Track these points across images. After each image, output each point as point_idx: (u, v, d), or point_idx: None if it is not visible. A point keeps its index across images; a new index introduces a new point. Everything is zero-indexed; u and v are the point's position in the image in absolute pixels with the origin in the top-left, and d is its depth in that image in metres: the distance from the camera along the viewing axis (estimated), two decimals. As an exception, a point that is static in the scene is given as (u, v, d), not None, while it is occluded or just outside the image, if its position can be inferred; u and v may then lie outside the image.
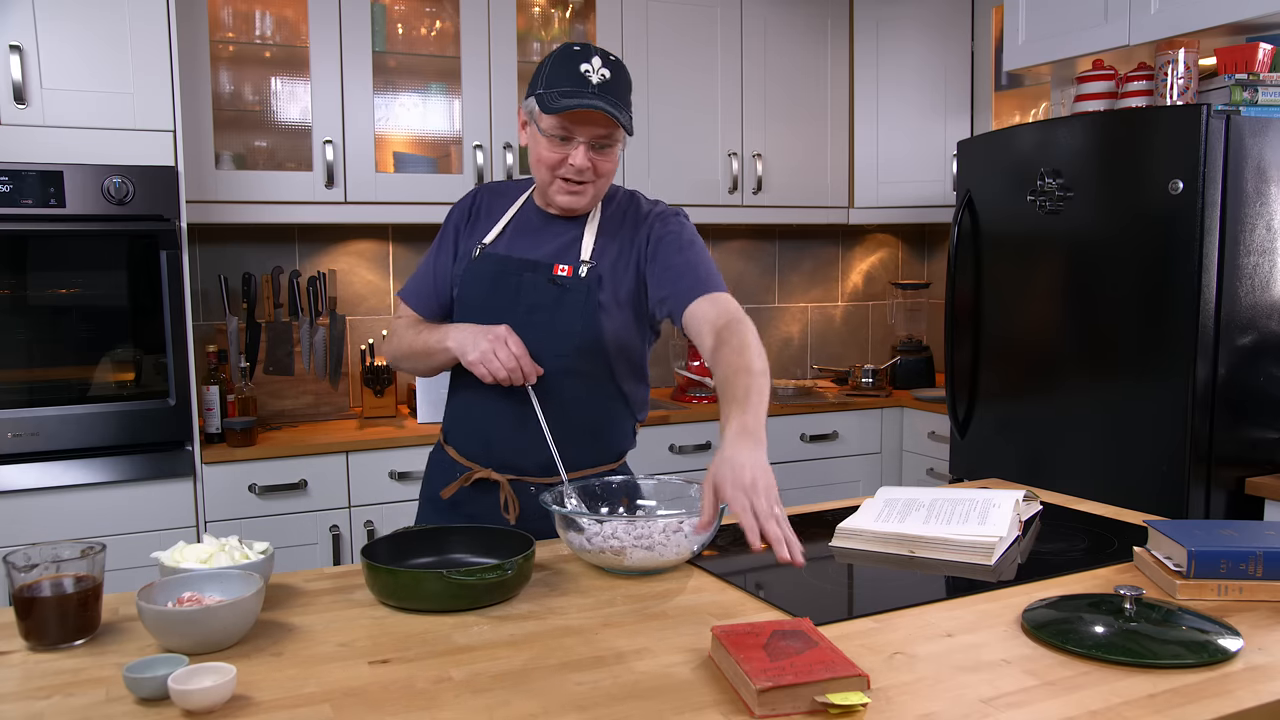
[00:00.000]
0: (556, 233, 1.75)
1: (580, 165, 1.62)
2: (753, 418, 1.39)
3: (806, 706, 1.04)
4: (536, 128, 1.64)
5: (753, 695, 1.03)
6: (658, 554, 1.47)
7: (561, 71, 1.60)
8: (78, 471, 2.53)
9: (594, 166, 1.64)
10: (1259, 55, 2.56)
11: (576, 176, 1.65)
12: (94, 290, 2.59)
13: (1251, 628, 1.26)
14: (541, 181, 1.70)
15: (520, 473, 1.75)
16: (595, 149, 1.64)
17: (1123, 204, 2.56)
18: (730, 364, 1.50)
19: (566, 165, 1.64)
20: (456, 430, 1.84)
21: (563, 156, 1.63)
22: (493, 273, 1.73)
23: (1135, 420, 2.54)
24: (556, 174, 1.66)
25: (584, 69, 1.59)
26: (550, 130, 1.62)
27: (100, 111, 2.51)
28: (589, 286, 1.69)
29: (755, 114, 3.60)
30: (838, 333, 4.23)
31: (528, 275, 1.71)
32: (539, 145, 1.65)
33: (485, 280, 1.74)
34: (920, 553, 1.59)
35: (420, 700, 1.08)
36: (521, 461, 1.75)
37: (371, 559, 1.38)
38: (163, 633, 1.20)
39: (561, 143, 1.62)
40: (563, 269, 1.70)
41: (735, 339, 1.54)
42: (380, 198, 3.07)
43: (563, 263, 1.71)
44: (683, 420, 3.30)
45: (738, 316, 1.60)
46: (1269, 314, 2.49)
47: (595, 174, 1.66)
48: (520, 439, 1.72)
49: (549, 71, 1.62)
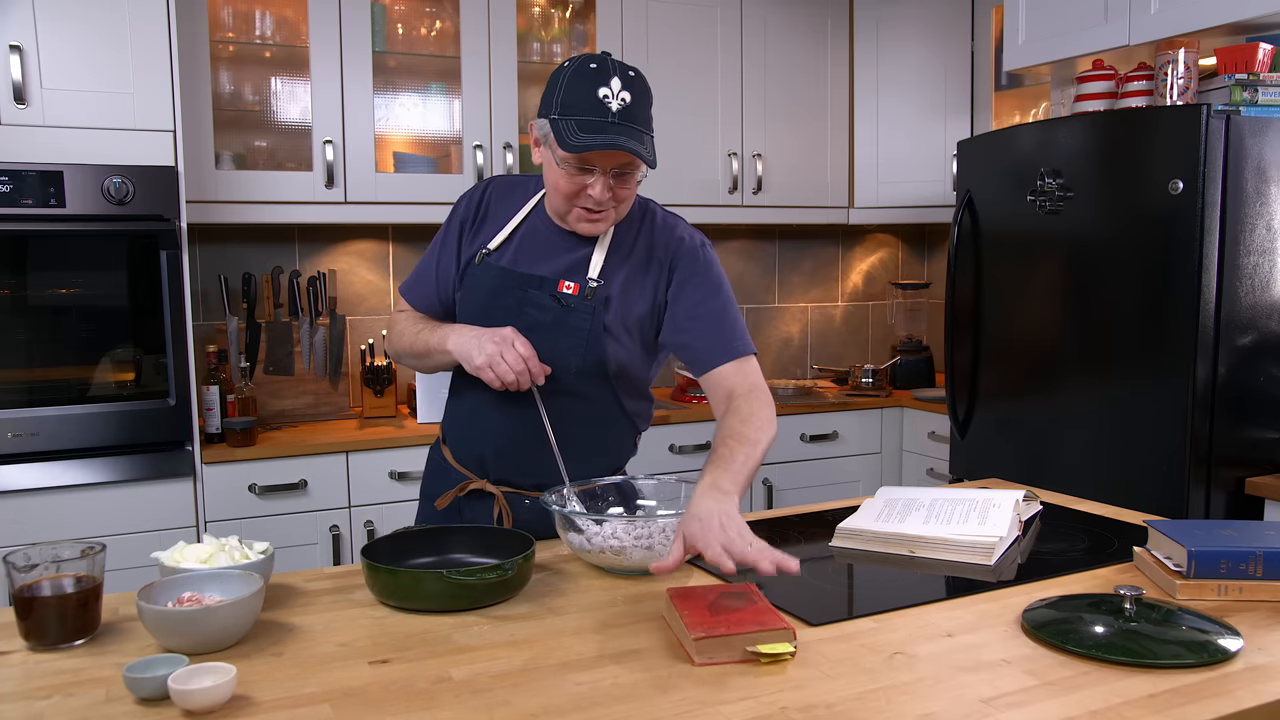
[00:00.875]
0: (566, 247, 1.66)
1: (600, 198, 1.54)
2: (729, 479, 1.40)
3: (739, 655, 1.16)
4: (552, 154, 1.55)
5: (691, 644, 1.16)
6: (658, 554, 1.47)
7: (579, 96, 1.49)
8: (78, 471, 2.53)
9: (614, 194, 1.56)
10: (1259, 55, 2.55)
11: (596, 207, 1.57)
12: (94, 290, 2.59)
13: (1251, 628, 1.26)
14: (558, 209, 1.62)
15: (516, 486, 1.73)
16: (615, 176, 1.55)
17: (1123, 204, 2.56)
18: (730, 430, 1.50)
19: (585, 195, 1.56)
20: (455, 435, 1.81)
21: (580, 187, 1.55)
22: (493, 285, 1.66)
23: (1135, 420, 2.54)
24: (574, 203, 1.58)
25: (603, 94, 1.48)
26: (567, 163, 1.53)
27: (100, 111, 2.51)
28: (595, 309, 1.61)
29: (755, 114, 3.60)
30: (838, 333, 4.23)
31: (531, 292, 1.64)
32: (554, 173, 1.56)
33: (485, 291, 1.67)
34: (920, 553, 1.59)
35: (420, 700, 1.08)
36: (518, 477, 1.73)
37: (371, 559, 1.38)
38: (163, 633, 1.20)
39: (580, 173, 1.54)
40: (569, 286, 1.62)
41: (745, 408, 1.54)
42: (380, 198, 3.07)
43: (569, 280, 1.63)
44: (683, 420, 3.30)
45: (758, 385, 1.59)
46: (1269, 314, 2.49)
47: (615, 201, 1.57)
48: (519, 454, 1.70)
49: (564, 93, 1.51)
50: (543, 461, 1.63)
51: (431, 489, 1.84)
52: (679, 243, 1.68)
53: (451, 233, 1.75)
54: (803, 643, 1.22)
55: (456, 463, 1.79)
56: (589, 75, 1.50)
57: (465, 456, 1.78)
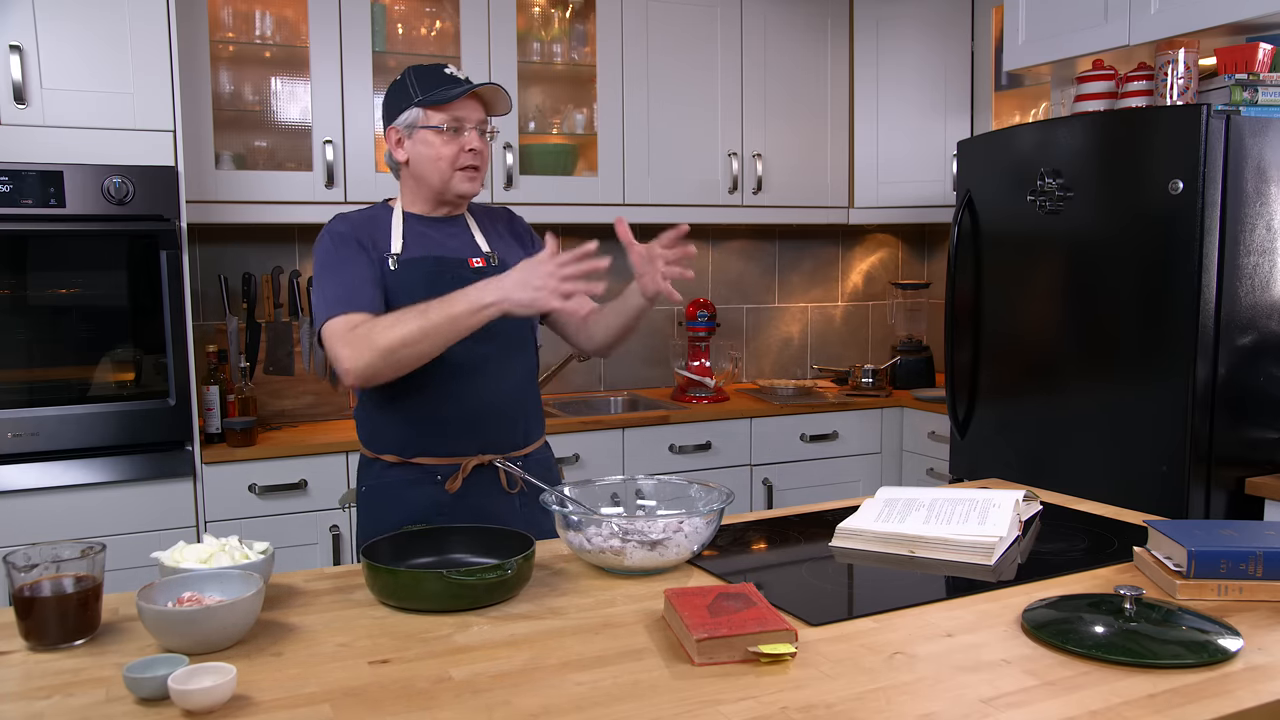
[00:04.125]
0: (451, 234, 1.88)
1: (478, 147, 1.80)
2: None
3: (740, 656, 1.17)
4: (427, 131, 1.79)
5: (693, 645, 1.17)
6: (658, 554, 1.47)
7: (429, 80, 1.79)
8: (78, 471, 2.53)
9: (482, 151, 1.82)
10: (1259, 55, 2.55)
11: (475, 161, 1.80)
12: (94, 290, 2.59)
13: (1251, 628, 1.26)
14: (443, 177, 1.81)
15: (504, 450, 1.86)
16: (480, 134, 1.81)
17: (1123, 204, 2.56)
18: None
19: (464, 153, 1.79)
20: (423, 434, 1.82)
21: (459, 147, 1.79)
22: (425, 271, 1.80)
23: (1135, 420, 2.54)
24: (456, 166, 1.80)
25: (448, 71, 1.80)
26: (442, 124, 1.78)
27: (100, 111, 2.51)
28: (502, 269, 1.77)
29: (755, 114, 3.60)
30: (838, 333, 4.23)
31: (459, 271, 1.81)
32: (433, 146, 1.79)
33: (422, 281, 1.78)
34: (920, 553, 1.59)
35: (420, 700, 1.08)
36: (504, 438, 1.86)
37: (372, 559, 1.38)
38: (163, 633, 1.20)
39: (454, 135, 1.79)
40: (476, 262, 1.85)
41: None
42: (380, 197, 3.05)
43: (472, 257, 1.86)
44: (683, 420, 3.30)
45: None
46: (1269, 314, 2.49)
47: (483, 160, 1.83)
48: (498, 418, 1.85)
49: (416, 85, 1.79)
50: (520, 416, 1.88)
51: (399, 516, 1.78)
52: (504, 211, 2.02)
53: (350, 246, 1.80)
54: (803, 643, 1.22)
55: (435, 458, 1.83)
56: (429, 68, 1.82)
57: (449, 445, 1.83)
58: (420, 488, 1.83)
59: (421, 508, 1.80)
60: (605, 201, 3.38)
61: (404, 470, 1.84)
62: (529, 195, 3.24)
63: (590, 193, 3.36)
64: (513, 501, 1.86)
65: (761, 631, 1.18)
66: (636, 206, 3.42)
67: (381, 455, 1.86)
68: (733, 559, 1.60)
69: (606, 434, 3.19)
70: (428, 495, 1.82)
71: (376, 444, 1.87)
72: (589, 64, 3.42)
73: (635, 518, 1.50)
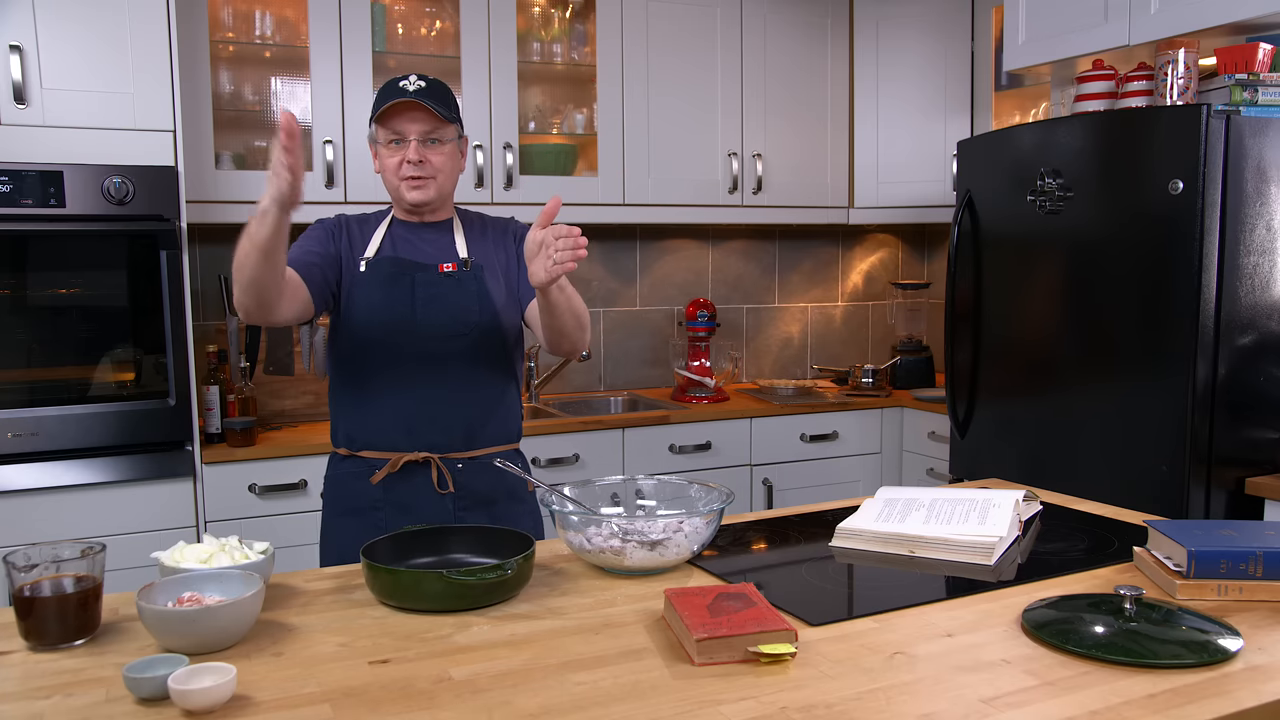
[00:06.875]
0: (430, 239, 1.93)
1: (414, 158, 1.84)
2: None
3: (740, 656, 1.17)
4: (378, 147, 1.88)
5: (693, 645, 1.17)
6: (658, 554, 1.47)
7: (382, 94, 1.85)
8: (78, 471, 2.53)
9: (428, 161, 1.85)
10: (1259, 55, 2.55)
11: (415, 171, 1.85)
12: (94, 290, 2.59)
13: (1251, 628, 1.26)
14: (392, 188, 1.90)
15: (444, 450, 1.88)
16: (426, 145, 1.85)
17: (1123, 204, 2.56)
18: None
19: (405, 164, 1.85)
20: (367, 429, 1.89)
21: (401, 157, 1.85)
22: (387, 273, 1.87)
23: (1135, 420, 2.54)
24: (400, 176, 1.86)
25: (402, 84, 1.85)
26: (385, 139, 1.86)
27: (100, 111, 2.51)
28: (476, 273, 1.90)
29: (755, 114, 3.60)
30: (838, 333, 4.23)
31: (419, 274, 1.88)
32: (383, 159, 1.88)
33: (381, 281, 1.86)
34: (920, 553, 1.59)
35: (420, 700, 1.08)
36: (444, 439, 1.88)
37: (372, 559, 1.38)
38: (163, 633, 1.20)
39: (397, 146, 1.86)
40: (448, 267, 1.90)
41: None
42: (380, 197, 3.06)
43: (445, 263, 1.90)
44: (683, 420, 3.30)
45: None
46: (1269, 314, 2.49)
47: (433, 168, 1.86)
48: (442, 418, 1.87)
49: (375, 100, 1.87)
50: (463, 420, 1.88)
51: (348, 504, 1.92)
52: (510, 220, 2.05)
53: (322, 228, 1.94)
54: (803, 643, 1.22)
55: (378, 452, 1.88)
56: (391, 82, 1.87)
57: (386, 439, 1.87)
58: (359, 482, 1.90)
59: (356, 502, 1.89)
60: (605, 201, 3.38)
61: (351, 463, 1.92)
62: (529, 195, 3.24)
63: (590, 193, 3.36)
64: (445, 502, 1.88)
65: (761, 631, 1.18)
66: (636, 206, 3.42)
67: (337, 449, 1.95)
68: (733, 559, 1.60)
69: (606, 434, 3.19)
70: (364, 490, 1.88)
71: (334, 437, 1.96)
72: (589, 64, 3.42)
73: (635, 518, 1.50)
